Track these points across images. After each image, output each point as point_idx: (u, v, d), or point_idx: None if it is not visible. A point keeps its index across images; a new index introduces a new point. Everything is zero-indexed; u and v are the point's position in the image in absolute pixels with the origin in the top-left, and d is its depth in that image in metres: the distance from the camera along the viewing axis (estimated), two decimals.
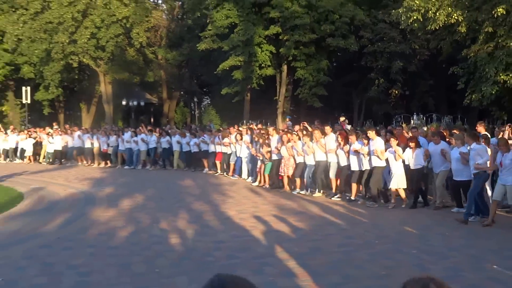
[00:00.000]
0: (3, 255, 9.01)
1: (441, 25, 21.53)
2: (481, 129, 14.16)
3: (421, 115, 25.60)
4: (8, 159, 29.41)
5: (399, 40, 30.95)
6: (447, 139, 14.01)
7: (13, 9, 42.42)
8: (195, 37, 37.16)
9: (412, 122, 23.56)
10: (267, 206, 13.85)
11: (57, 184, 19.32)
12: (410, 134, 15.09)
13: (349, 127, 21.73)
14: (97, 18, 37.85)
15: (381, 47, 31.61)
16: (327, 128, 16.25)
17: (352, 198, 14.52)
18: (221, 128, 25.82)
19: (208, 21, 34.35)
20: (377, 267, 7.80)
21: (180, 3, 43.04)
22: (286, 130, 19.86)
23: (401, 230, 10.76)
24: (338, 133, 15.91)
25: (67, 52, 38.58)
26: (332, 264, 8.09)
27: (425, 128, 19.54)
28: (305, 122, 20.30)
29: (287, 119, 29.79)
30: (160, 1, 46.41)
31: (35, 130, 31.61)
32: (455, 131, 14.63)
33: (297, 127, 20.03)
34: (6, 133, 31.03)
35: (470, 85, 23.06)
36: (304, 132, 16.92)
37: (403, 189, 13.49)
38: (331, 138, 15.61)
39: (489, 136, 13.71)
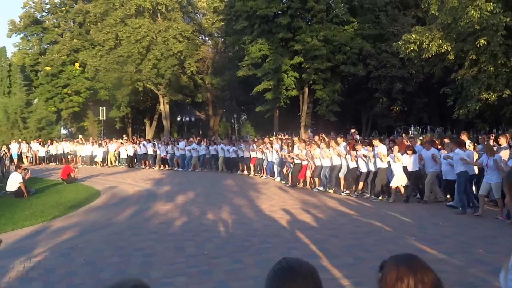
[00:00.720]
0: (84, 240, 9.13)
1: (433, 54, 21.39)
2: (464, 137, 13.95)
3: (418, 127, 25.23)
4: (86, 164, 29.77)
5: (399, 66, 30.55)
6: (439, 147, 13.94)
7: (93, 46, 43.24)
8: (234, 66, 37.23)
9: (410, 133, 23.20)
10: (293, 201, 13.79)
11: (126, 183, 19.51)
12: (409, 143, 14.91)
13: (358, 137, 21.65)
14: (158, 52, 38.30)
15: (384, 72, 31.25)
16: (339, 139, 16.58)
17: (359, 192, 14.66)
18: (255, 139, 25.81)
19: (245, 53, 34.43)
20: (383, 250, 7.69)
21: (222, 39, 43.21)
22: (308, 140, 19.85)
23: (401, 220, 10.59)
24: (348, 142, 16.09)
25: (134, 79, 39.15)
26: (345, 248, 8.00)
27: (421, 138, 19.34)
28: (323, 134, 20.21)
29: (309, 131, 29.66)
30: (207, 38, 46.69)
31: (110, 141, 32.03)
32: (446, 140, 14.40)
33: (316, 137, 20.06)
34: (83, 143, 31.55)
35: (458, 102, 22.93)
36: (322, 141, 17.04)
37: (403, 186, 13.40)
38: (342, 146, 15.86)
39: (475, 144, 13.71)
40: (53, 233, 9.88)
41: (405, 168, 13.46)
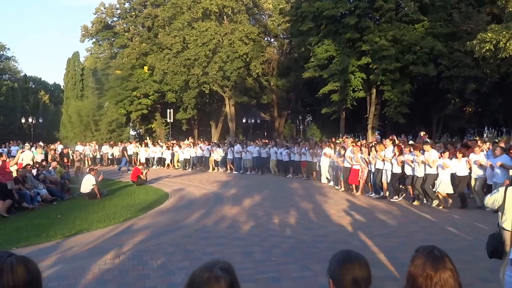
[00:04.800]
0: (155, 243, 9.41)
1: (511, 53, 20.39)
2: None
3: (492, 129, 24.19)
4: (155, 166, 30.63)
5: (472, 66, 29.39)
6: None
7: (161, 49, 44.53)
8: (300, 68, 37.20)
9: (484, 135, 22.31)
10: (361, 206, 13.62)
11: (193, 185, 19.95)
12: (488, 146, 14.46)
13: (428, 140, 21.00)
14: (224, 55, 38.92)
15: (456, 72, 30.16)
16: (387, 141, 16.26)
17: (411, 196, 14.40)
18: (329, 141, 25.63)
19: (311, 54, 34.33)
20: (456, 261, 7.41)
21: (288, 40, 43.29)
22: (375, 142, 19.52)
23: (475, 228, 10.20)
24: (395, 146, 15.80)
25: (201, 82, 39.99)
26: None
27: (496, 140, 18.49)
28: (394, 136, 19.79)
29: (376, 134, 29.19)
30: (272, 40, 46.90)
31: (173, 143, 32.89)
32: None
33: (385, 141, 19.68)
34: (147, 146, 32.52)
35: None
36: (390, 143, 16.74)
37: (448, 193, 13.18)
38: (389, 150, 15.48)
39: None
40: (125, 235, 10.28)
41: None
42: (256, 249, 8.70)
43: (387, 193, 15.15)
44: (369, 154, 16.42)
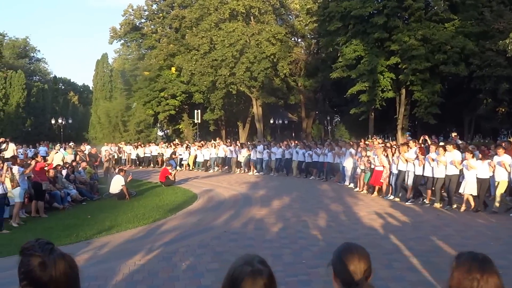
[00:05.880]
0: (184, 244, 9.44)
1: None
2: None
3: None
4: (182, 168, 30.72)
5: (504, 65, 28.69)
6: None
7: (188, 50, 44.80)
8: (328, 68, 36.94)
9: None
10: (392, 209, 13.41)
11: (222, 187, 19.98)
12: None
13: (459, 141, 20.56)
14: (251, 55, 38.93)
15: (488, 72, 29.48)
16: (411, 143, 15.96)
17: (426, 201, 14.16)
18: (351, 142, 25.41)
19: (338, 54, 34.08)
20: None
21: (316, 41, 43.05)
22: (405, 143, 19.22)
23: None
24: (419, 147, 15.63)
25: (228, 82, 40.07)
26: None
27: None
28: (425, 136, 19.44)
29: (407, 135, 28.79)
30: (300, 40, 46.74)
31: (202, 144, 33.03)
32: None
33: (411, 142, 19.37)
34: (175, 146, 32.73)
35: None
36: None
37: (473, 195, 12.91)
38: (413, 151, 15.21)
39: None
40: (154, 236, 10.34)
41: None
42: (286, 251, 8.63)
43: (411, 195, 14.84)
44: (393, 155, 16.16)
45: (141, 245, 9.38)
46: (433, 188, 13.94)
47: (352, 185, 19.00)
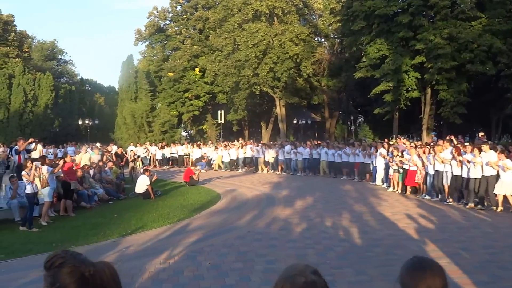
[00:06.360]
0: (209, 244, 9.49)
1: None
2: None
3: None
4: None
5: None
6: None
7: (212, 51, 45.08)
8: (351, 67, 36.76)
9: None
10: (417, 209, 13.26)
11: (245, 187, 20.02)
12: None
13: (487, 141, 20.23)
14: (274, 55, 38.94)
15: None
16: (445, 143, 15.68)
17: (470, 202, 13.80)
18: (374, 141, 25.23)
19: (362, 54, 33.87)
20: None
21: (339, 40, 42.84)
22: (431, 143, 19.01)
23: None
24: (454, 147, 15.27)
25: (251, 83, 40.14)
26: (479, 264, 7.50)
27: None
28: (452, 136, 19.18)
29: (432, 135, 28.45)
30: (323, 40, 46.57)
31: (226, 144, 33.17)
32: None
33: (440, 141, 19.11)
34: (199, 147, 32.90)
35: None
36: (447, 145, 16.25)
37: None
38: (447, 152, 14.97)
39: None
40: (179, 235, 10.43)
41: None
42: (310, 251, 8.63)
43: (448, 196, 14.66)
44: (426, 155, 16.00)
45: (166, 244, 9.48)
46: (469, 189, 13.73)
47: (385, 185, 18.85)
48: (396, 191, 17.20)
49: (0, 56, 55.44)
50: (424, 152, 16.27)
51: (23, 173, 12.16)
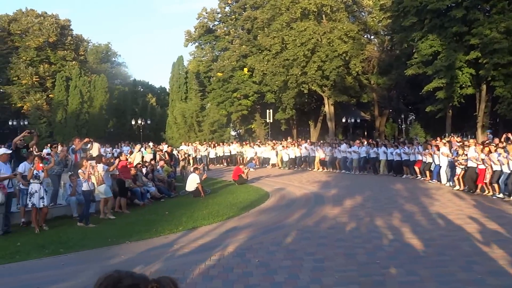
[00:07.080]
0: (258, 241, 9.53)
1: None
2: None
3: None
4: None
5: None
6: None
7: (260, 51, 45.23)
8: (402, 64, 36.08)
9: None
10: (471, 209, 12.83)
11: (294, 185, 19.98)
12: None
13: None
14: (323, 54, 38.70)
15: None
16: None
17: None
18: (426, 140, 24.64)
19: (413, 50, 33.20)
20: None
21: (389, 37, 42.09)
22: (486, 142, 18.37)
23: None
24: None
25: (300, 82, 40.06)
26: None
27: None
28: (509, 133, 18.49)
29: (487, 132, 27.53)
30: (372, 37, 45.89)
31: (275, 143, 33.23)
32: None
33: (496, 140, 18.47)
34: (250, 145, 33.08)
35: None
36: (501, 145, 15.63)
37: None
38: None
39: None
40: (228, 232, 10.53)
41: None
42: (359, 251, 8.50)
43: None
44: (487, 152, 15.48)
45: (216, 241, 9.60)
46: None
47: (449, 183, 18.37)
48: (462, 190, 16.69)
49: (58, 59, 57.75)
50: (490, 151, 15.68)
51: (79, 171, 12.65)
